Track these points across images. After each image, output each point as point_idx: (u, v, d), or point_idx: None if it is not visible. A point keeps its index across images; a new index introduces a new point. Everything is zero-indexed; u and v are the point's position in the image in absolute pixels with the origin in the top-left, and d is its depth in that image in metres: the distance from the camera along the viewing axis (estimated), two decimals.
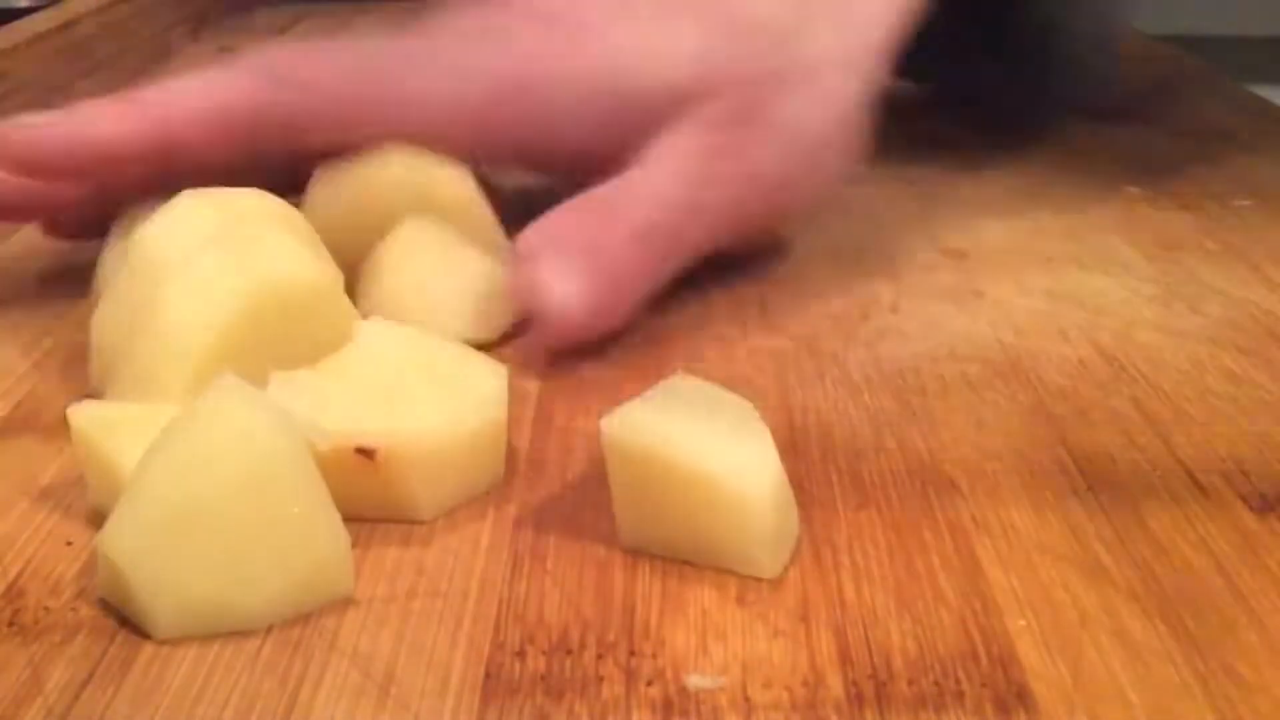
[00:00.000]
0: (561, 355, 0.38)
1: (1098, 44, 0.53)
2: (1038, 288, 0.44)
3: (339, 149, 0.40)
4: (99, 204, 0.40)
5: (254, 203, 0.37)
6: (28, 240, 0.48)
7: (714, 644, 0.27)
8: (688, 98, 0.40)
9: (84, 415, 0.31)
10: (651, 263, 0.39)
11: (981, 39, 0.54)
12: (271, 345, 0.32)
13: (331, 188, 0.41)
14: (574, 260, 0.37)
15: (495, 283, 0.40)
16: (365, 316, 0.35)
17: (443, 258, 0.39)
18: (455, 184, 0.41)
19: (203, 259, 0.33)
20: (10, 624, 0.28)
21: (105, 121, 0.38)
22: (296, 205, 0.39)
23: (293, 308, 0.33)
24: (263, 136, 0.39)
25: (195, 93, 0.39)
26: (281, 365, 0.32)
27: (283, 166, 0.41)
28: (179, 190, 0.36)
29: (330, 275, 0.34)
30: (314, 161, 0.41)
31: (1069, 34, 0.54)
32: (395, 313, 0.36)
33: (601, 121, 0.41)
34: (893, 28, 0.42)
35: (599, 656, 0.27)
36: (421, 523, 0.31)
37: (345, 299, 0.35)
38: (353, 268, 0.39)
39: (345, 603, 0.28)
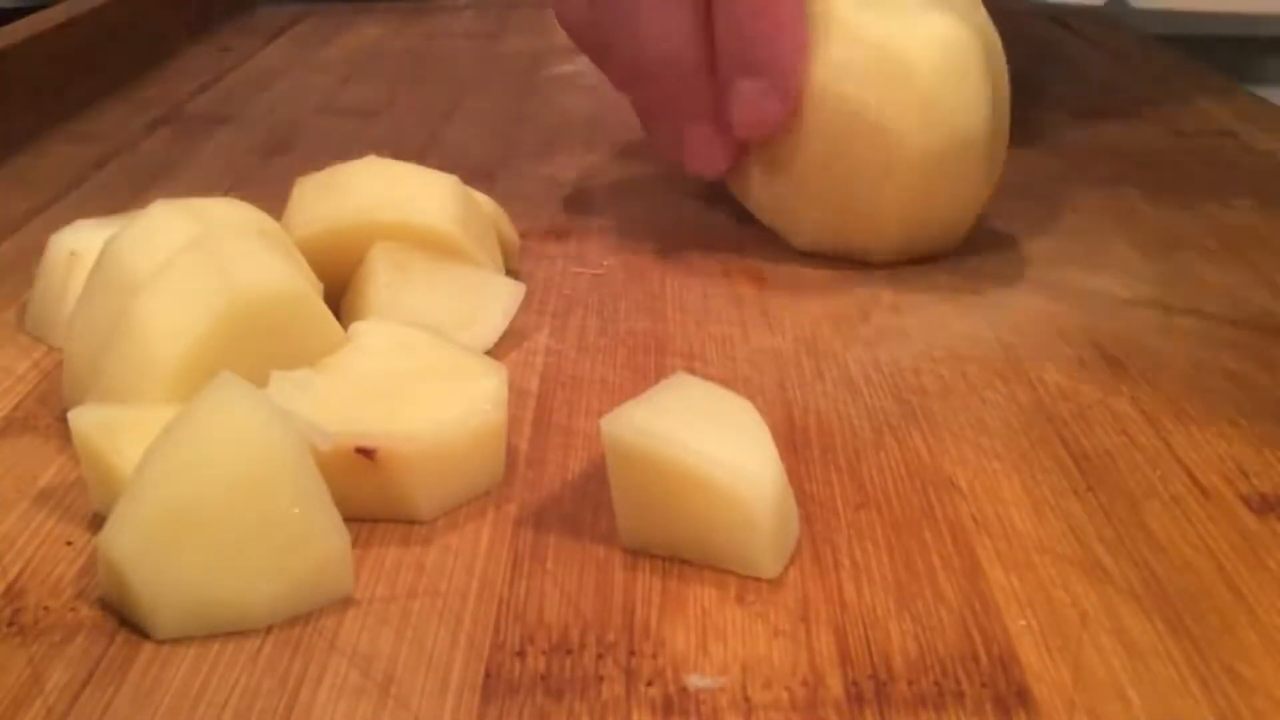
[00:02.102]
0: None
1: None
2: (1038, 288, 0.44)
3: None
4: None
5: (228, 212, 0.37)
6: (27, 240, 0.48)
7: (714, 644, 0.27)
8: None
9: (85, 418, 0.31)
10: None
11: None
12: (248, 355, 0.32)
13: (311, 198, 0.40)
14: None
15: (482, 295, 0.40)
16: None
17: (428, 273, 0.39)
18: (435, 195, 0.40)
19: (178, 268, 0.33)
20: (10, 624, 0.28)
21: None
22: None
23: (269, 318, 0.33)
24: None
25: None
26: (259, 376, 0.31)
27: None
28: None
29: (307, 285, 0.34)
30: None
31: None
32: None
33: None
34: None
35: (599, 656, 0.27)
36: (421, 523, 0.31)
37: (324, 309, 0.34)
38: (333, 279, 0.38)
39: (345, 603, 0.28)
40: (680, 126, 0.46)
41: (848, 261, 0.45)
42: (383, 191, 0.40)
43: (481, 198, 0.44)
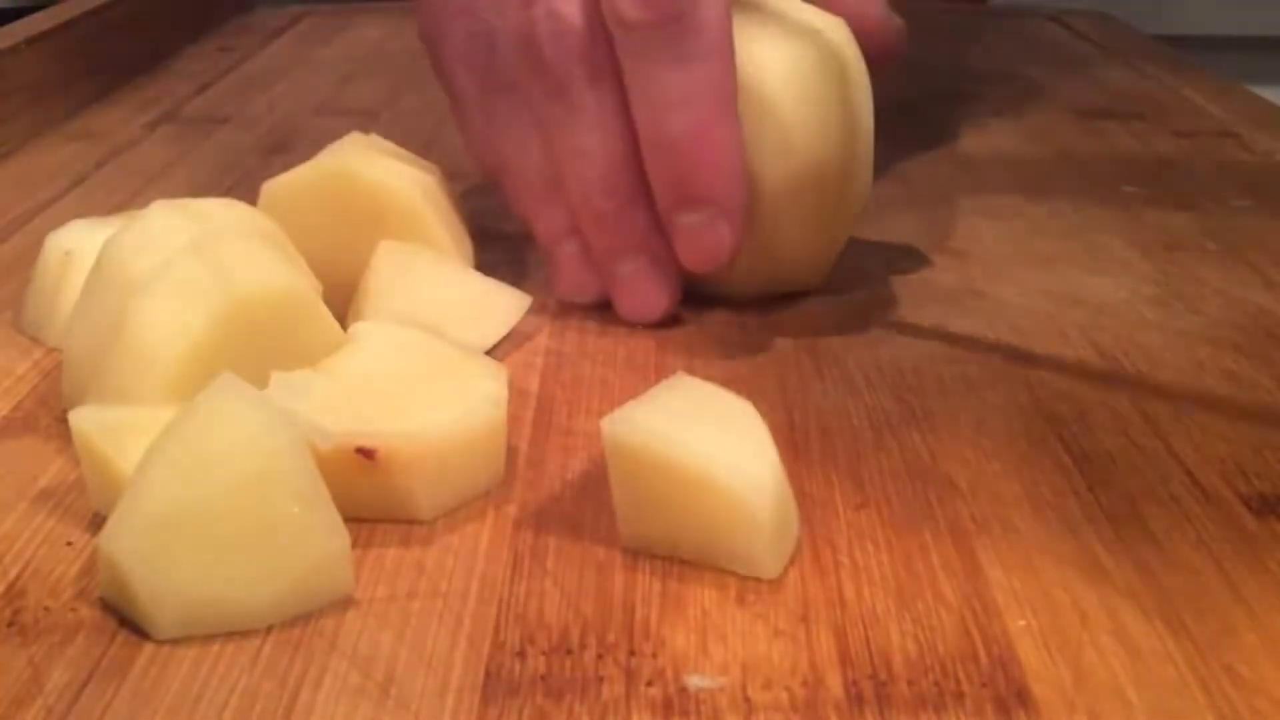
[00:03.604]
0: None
1: None
2: (1038, 288, 0.44)
3: None
4: None
5: (227, 212, 0.37)
6: (27, 240, 0.48)
7: (714, 644, 0.27)
8: None
9: (85, 418, 0.31)
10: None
11: None
12: (248, 356, 0.32)
13: (286, 189, 0.40)
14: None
15: (485, 297, 0.40)
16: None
17: (431, 275, 0.39)
18: (409, 179, 0.41)
19: (176, 269, 0.33)
20: (10, 624, 0.28)
21: None
22: None
23: (269, 318, 0.33)
24: None
25: None
26: (259, 376, 0.31)
27: None
28: None
29: (307, 286, 0.34)
30: None
31: None
32: None
33: None
34: None
35: (599, 656, 0.27)
36: (421, 523, 0.31)
37: (324, 309, 0.34)
38: (334, 280, 0.38)
39: (345, 603, 0.28)
40: (610, 266, 0.41)
41: (848, 262, 0.45)
42: (358, 171, 0.40)
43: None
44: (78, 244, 0.39)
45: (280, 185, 0.40)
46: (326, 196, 0.40)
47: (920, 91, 0.67)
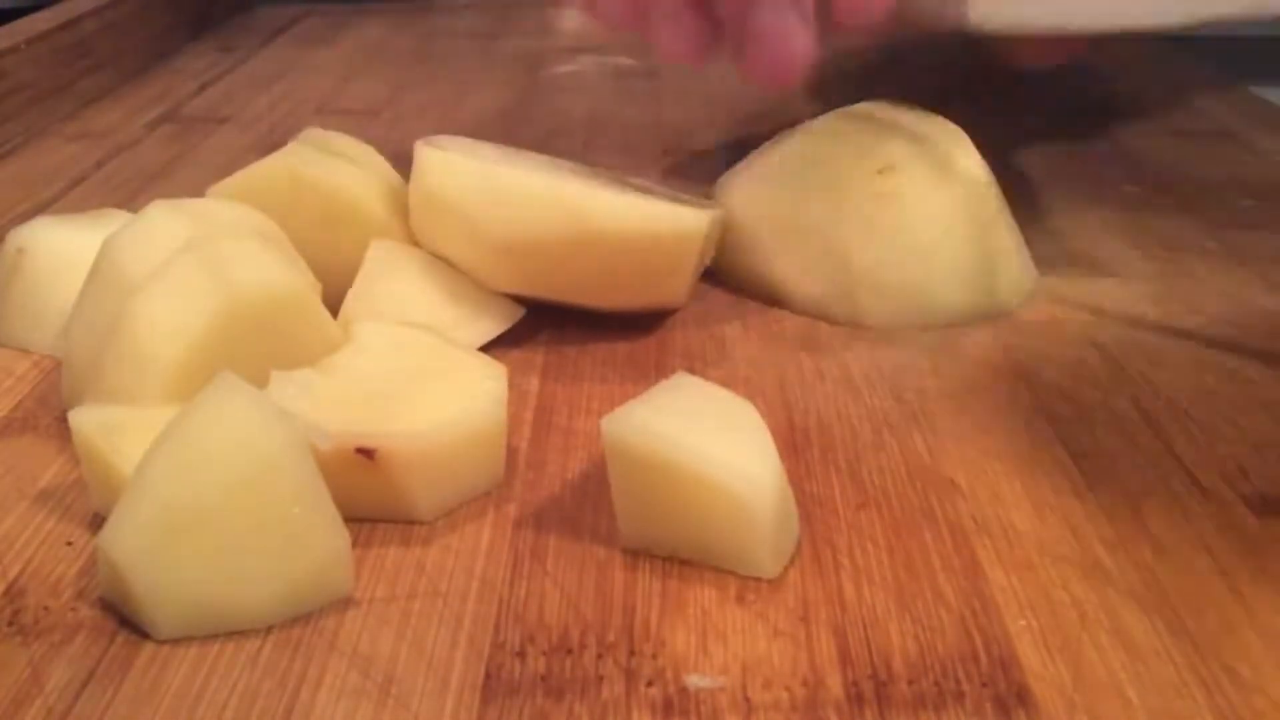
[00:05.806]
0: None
1: None
2: (1038, 288, 0.44)
3: None
4: None
5: (227, 213, 0.37)
6: None
7: (714, 644, 0.27)
8: None
9: (85, 418, 0.31)
10: None
11: None
12: (248, 356, 0.32)
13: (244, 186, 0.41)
14: None
15: (481, 295, 0.40)
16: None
17: (426, 273, 0.39)
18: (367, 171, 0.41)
19: (175, 269, 0.33)
20: (10, 624, 0.28)
21: None
22: None
23: (267, 318, 0.33)
24: None
25: None
26: (259, 376, 0.31)
27: None
28: None
29: (305, 285, 0.34)
30: None
31: None
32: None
33: None
34: None
35: (599, 656, 0.27)
36: (421, 523, 0.31)
37: (322, 309, 0.34)
38: (333, 279, 0.38)
39: (345, 603, 0.28)
40: (745, 20, 0.41)
41: None
42: (304, 165, 0.40)
43: None
44: (33, 242, 0.39)
45: (226, 189, 0.40)
46: (273, 198, 0.40)
47: (917, 92, 0.67)
